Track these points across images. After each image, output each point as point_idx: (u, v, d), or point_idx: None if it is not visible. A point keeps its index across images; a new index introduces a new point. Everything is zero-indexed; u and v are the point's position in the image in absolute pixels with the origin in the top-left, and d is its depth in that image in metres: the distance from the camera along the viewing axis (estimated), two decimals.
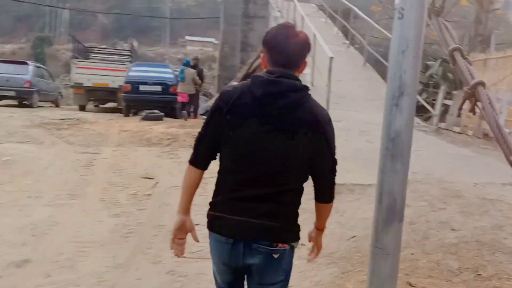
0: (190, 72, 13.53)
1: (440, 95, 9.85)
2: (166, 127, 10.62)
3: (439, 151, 7.56)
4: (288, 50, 1.95)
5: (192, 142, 2.29)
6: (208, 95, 19.94)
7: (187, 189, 2.06)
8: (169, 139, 9.15)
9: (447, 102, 10.56)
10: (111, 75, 16.71)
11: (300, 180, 2.03)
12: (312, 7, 18.75)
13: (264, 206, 1.95)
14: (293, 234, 2.05)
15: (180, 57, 33.36)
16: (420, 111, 10.39)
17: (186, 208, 2.07)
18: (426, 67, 12.40)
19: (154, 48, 39.69)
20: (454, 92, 11.10)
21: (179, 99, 13.68)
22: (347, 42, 13.74)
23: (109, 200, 5.73)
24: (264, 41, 1.99)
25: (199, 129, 2.07)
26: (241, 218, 1.94)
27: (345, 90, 9.95)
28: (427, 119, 10.76)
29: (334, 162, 2.09)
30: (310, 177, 2.08)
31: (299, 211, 2.08)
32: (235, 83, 11.83)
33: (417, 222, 4.53)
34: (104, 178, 6.55)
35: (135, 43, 31.87)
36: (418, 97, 10.56)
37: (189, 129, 10.13)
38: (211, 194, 2.09)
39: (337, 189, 3.33)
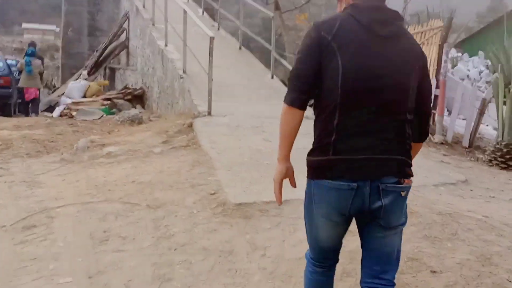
0: (37, 63, 11.98)
1: None
2: None
3: None
4: None
5: (31, 147, 0.45)
6: (51, 88, 17.15)
7: (290, 135, 1.92)
8: None
9: None
10: None
11: (413, 110, 1.92)
12: None
13: (387, 139, 1.85)
14: (411, 169, 1.94)
15: (16, 46, 29.22)
16: None
17: (288, 155, 1.97)
18: None
19: None
20: None
21: (27, 96, 11.87)
22: (216, 24, 12.16)
23: None
24: None
25: (40, 131, 0.41)
26: (365, 157, 1.82)
27: (225, 78, 8.37)
28: None
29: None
30: None
31: None
32: (84, 72, 9.40)
33: None
34: None
35: None
36: None
37: (26, 131, 7.76)
38: None
39: (246, 211, 3.06)
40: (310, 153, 1.95)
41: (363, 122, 1.82)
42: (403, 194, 1.87)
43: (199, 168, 4.93)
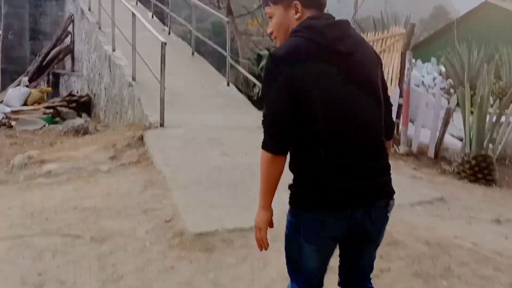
0: None
1: None
2: None
3: None
4: None
5: None
6: None
7: (275, 183, 1.80)
8: None
9: None
10: None
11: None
12: None
13: (374, 158, 1.81)
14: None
15: None
16: (260, 106, 8.70)
17: (271, 203, 1.85)
18: (259, 58, 10.89)
19: None
20: None
21: None
22: (167, 28, 11.56)
23: None
24: None
25: None
26: (358, 183, 1.76)
27: (178, 86, 7.82)
28: None
29: None
30: None
31: None
32: (25, 78, 8.58)
33: None
34: None
35: None
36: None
37: None
38: None
39: (207, 242, 2.99)
40: (297, 185, 1.81)
41: (350, 147, 1.75)
42: (389, 214, 1.89)
43: (152, 189, 4.39)
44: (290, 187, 1.84)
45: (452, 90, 12.13)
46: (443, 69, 13.75)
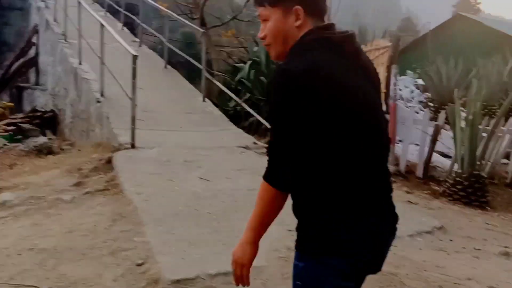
0: None
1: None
2: None
3: None
4: None
5: None
6: None
7: (271, 219, 1.62)
8: None
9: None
10: None
11: None
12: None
13: (388, 188, 1.62)
14: None
15: None
16: (236, 121, 8.21)
17: (259, 240, 1.65)
18: (235, 70, 10.44)
19: None
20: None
21: None
22: (137, 40, 11.02)
23: None
24: None
25: None
26: (383, 223, 1.56)
27: (150, 102, 7.30)
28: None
29: None
30: None
31: None
32: None
33: None
34: None
35: None
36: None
37: None
38: None
39: None
40: (319, 223, 1.50)
41: (377, 178, 1.56)
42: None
43: (122, 223, 3.86)
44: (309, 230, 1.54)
45: (431, 104, 11.92)
46: (420, 82, 13.57)
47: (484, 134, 5.97)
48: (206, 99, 7.98)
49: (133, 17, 11.39)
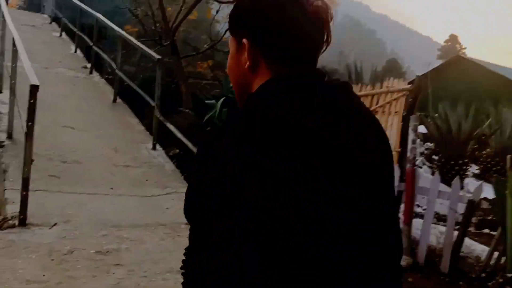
0: None
1: None
2: None
3: None
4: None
5: None
6: None
7: None
8: None
9: None
10: None
11: None
12: (44, 18, 13.70)
13: None
14: None
15: None
16: None
17: None
18: (204, 108, 8.58)
19: None
20: None
21: None
22: (88, 66, 9.11)
23: None
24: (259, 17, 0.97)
25: None
26: None
27: (79, 148, 5.34)
28: None
29: None
30: None
31: None
32: None
33: None
34: None
35: None
36: None
37: None
38: None
39: None
40: None
41: None
42: None
43: None
44: None
45: (435, 157, 10.19)
46: (421, 130, 11.86)
47: None
48: (158, 147, 6.02)
49: (86, 38, 9.51)
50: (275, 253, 0.82)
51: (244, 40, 0.96)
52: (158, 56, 6.17)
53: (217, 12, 12.32)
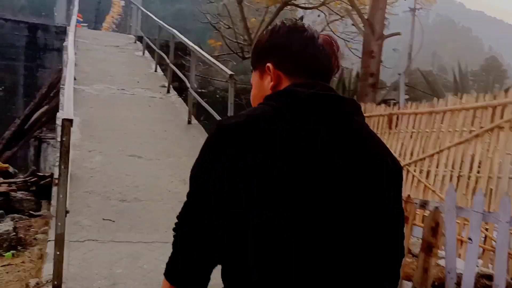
0: None
1: None
2: None
3: None
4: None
5: None
6: None
7: None
8: None
9: None
10: None
11: None
12: (129, 38, 13.61)
13: None
14: None
15: None
16: None
17: None
18: None
19: None
20: None
21: None
22: (166, 85, 8.60)
23: None
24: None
25: None
26: None
27: (140, 182, 4.69)
28: None
29: None
30: None
31: None
32: None
33: None
34: None
35: None
36: None
37: None
38: None
39: None
40: None
41: None
42: None
43: None
44: None
45: None
46: None
47: None
48: None
49: (164, 56, 9.03)
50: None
51: (269, 64, 1.22)
52: (230, 72, 5.39)
53: (301, 19, 11.40)
